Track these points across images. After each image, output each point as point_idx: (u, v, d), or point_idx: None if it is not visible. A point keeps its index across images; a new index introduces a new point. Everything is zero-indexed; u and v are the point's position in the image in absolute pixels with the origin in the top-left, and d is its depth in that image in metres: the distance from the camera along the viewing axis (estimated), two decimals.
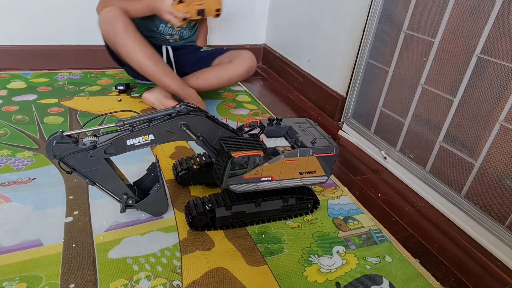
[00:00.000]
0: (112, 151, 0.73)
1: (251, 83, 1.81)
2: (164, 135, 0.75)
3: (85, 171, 0.73)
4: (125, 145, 0.73)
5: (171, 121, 0.74)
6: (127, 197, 0.80)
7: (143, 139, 0.74)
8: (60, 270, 0.70)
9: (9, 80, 1.49)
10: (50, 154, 0.68)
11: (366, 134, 1.31)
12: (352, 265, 0.81)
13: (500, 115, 0.88)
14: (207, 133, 0.78)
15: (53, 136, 0.68)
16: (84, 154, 0.70)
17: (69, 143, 0.69)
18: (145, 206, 0.83)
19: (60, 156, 0.69)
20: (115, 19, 1.20)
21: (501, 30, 0.86)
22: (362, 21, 1.30)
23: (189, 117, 0.75)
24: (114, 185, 0.77)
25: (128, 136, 0.73)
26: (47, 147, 0.68)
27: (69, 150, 0.69)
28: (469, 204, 0.96)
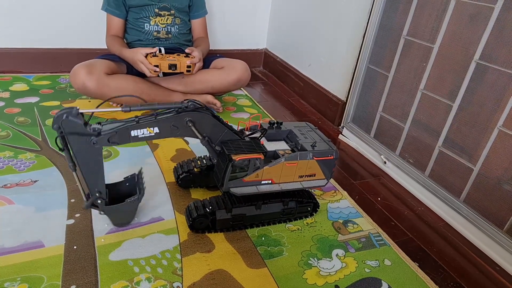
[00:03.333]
0: (115, 140, 0.72)
1: (251, 87, 1.82)
2: (169, 129, 0.75)
3: (78, 155, 0.70)
4: (129, 136, 0.72)
5: (177, 116, 0.74)
6: (99, 196, 0.76)
7: (147, 131, 0.73)
8: (61, 271, 0.71)
9: (12, 83, 1.50)
10: (56, 125, 0.66)
11: (366, 138, 1.31)
12: (352, 268, 0.81)
13: (499, 120, 0.88)
14: (211, 132, 0.78)
15: (67, 111, 0.66)
16: (87, 139, 0.69)
17: (80, 123, 0.67)
18: (113, 212, 0.80)
19: (65, 131, 0.67)
20: (83, 85, 1.27)
21: (500, 36, 0.87)
22: (362, 27, 1.31)
23: (195, 114, 0.75)
24: (95, 179, 0.74)
25: (133, 127, 0.72)
26: (57, 117, 0.65)
27: (76, 129, 0.67)
28: (468, 209, 0.97)
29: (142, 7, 1.42)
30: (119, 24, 1.45)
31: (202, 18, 1.58)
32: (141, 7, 1.42)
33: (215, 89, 1.47)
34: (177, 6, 1.47)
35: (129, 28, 1.47)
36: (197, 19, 1.56)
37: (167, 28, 1.48)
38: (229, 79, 1.46)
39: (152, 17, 1.44)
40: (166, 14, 1.46)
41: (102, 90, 1.28)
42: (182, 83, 1.44)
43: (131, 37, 1.47)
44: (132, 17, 1.44)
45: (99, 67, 1.29)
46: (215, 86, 1.45)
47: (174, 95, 1.44)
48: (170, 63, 1.30)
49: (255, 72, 2.04)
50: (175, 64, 1.31)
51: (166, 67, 1.30)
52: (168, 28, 1.48)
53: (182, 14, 1.50)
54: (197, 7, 1.54)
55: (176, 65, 1.31)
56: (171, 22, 1.48)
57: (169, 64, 1.30)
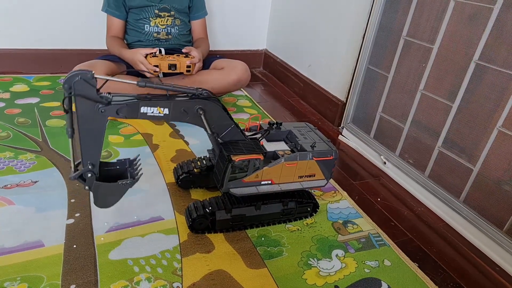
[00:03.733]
0: (124, 113, 0.70)
1: (251, 88, 1.82)
2: (179, 113, 0.74)
3: (82, 120, 0.68)
4: (138, 111, 0.71)
5: (189, 101, 0.73)
6: (91, 168, 0.71)
7: (157, 110, 0.72)
8: (61, 270, 0.71)
9: (12, 83, 1.51)
10: (68, 85, 0.64)
11: (365, 139, 1.31)
12: (351, 269, 0.81)
13: (498, 120, 0.89)
14: (218, 124, 0.78)
15: (82, 72, 0.64)
16: (95, 105, 0.67)
17: (93, 87, 0.66)
18: (101, 189, 0.75)
19: (75, 93, 0.64)
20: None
21: (499, 37, 0.87)
22: (362, 28, 1.31)
23: (207, 103, 0.75)
24: (91, 150, 0.71)
25: (144, 103, 0.71)
26: (70, 77, 0.63)
27: (87, 92, 0.65)
28: (468, 209, 0.97)
29: (142, 8, 1.43)
30: (119, 25, 1.45)
31: (202, 19, 1.58)
32: (141, 8, 1.43)
33: (215, 90, 1.47)
34: (177, 7, 1.47)
35: (129, 29, 1.47)
36: (197, 20, 1.57)
37: (167, 29, 1.48)
38: (229, 80, 1.46)
39: (152, 18, 1.45)
40: (166, 15, 1.46)
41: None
42: (182, 83, 1.45)
43: (131, 38, 1.47)
44: (132, 18, 1.45)
45: (99, 67, 1.29)
46: (215, 87, 1.45)
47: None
48: (170, 63, 1.30)
49: (255, 72, 2.04)
50: (175, 64, 1.31)
51: (166, 67, 1.31)
52: (168, 29, 1.48)
53: (182, 15, 1.51)
54: (197, 8, 1.55)
55: (175, 65, 1.31)
56: (171, 23, 1.48)
57: (168, 64, 1.30)
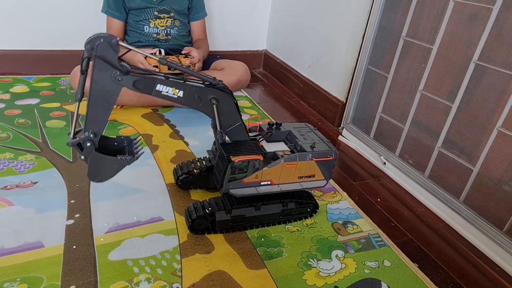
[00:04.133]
0: (140, 86, 0.70)
1: (251, 88, 1.82)
2: (193, 98, 0.74)
3: (95, 85, 0.67)
4: (153, 88, 0.72)
5: (205, 88, 0.74)
6: (92, 137, 0.69)
7: (172, 91, 0.73)
8: (60, 271, 0.71)
9: (12, 84, 1.51)
10: (90, 46, 0.63)
11: (365, 139, 1.31)
12: (351, 269, 0.81)
13: (498, 121, 0.88)
14: (227, 117, 0.79)
15: (107, 36, 0.64)
16: (113, 73, 0.66)
17: (115, 53, 0.65)
18: (97, 162, 0.72)
19: (97, 54, 0.64)
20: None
21: (498, 37, 0.87)
22: (362, 28, 1.31)
23: (222, 94, 0.75)
24: (97, 118, 0.69)
25: (161, 81, 0.71)
26: (94, 38, 0.63)
27: (109, 57, 0.65)
28: (468, 210, 0.97)
29: (142, 9, 1.43)
30: (119, 26, 1.45)
31: (201, 20, 1.58)
32: (140, 9, 1.43)
33: None
34: (176, 9, 1.48)
35: (129, 30, 1.48)
36: (196, 21, 1.57)
37: (167, 30, 1.48)
38: (229, 81, 1.46)
39: (152, 20, 1.45)
40: (165, 17, 1.46)
41: None
42: None
43: (131, 39, 1.48)
44: (132, 20, 1.45)
45: None
46: None
47: None
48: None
49: (255, 73, 2.04)
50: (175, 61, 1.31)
51: (165, 68, 1.31)
52: (168, 30, 1.48)
53: (182, 16, 1.51)
54: (196, 9, 1.55)
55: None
56: (171, 24, 1.48)
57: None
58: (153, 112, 1.41)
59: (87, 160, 0.71)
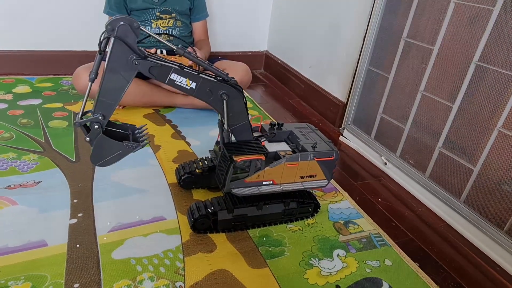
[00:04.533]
0: (154, 73, 0.71)
1: (253, 89, 1.83)
2: (205, 91, 0.76)
3: (111, 66, 0.67)
4: (167, 76, 0.73)
5: (217, 83, 0.75)
6: (101, 120, 0.69)
7: (185, 82, 0.74)
8: (64, 269, 0.71)
9: (15, 85, 1.51)
10: (111, 27, 0.64)
11: (366, 140, 1.32)
12: (352, 268, 0.82)
13: (498, 121, 0.89)
14: (234, 114, 0.80)
15: (129, 19, 0.65)
16: (131, 56, 0.67)
17: (135, 37, 0.66)
18: (102, 146, 0.72)
19: (117, 35, 0.65)
20: (86, 87, 1.27)
21: (499, 38, 0.88)
22: (363, 29, 1.32)
23: (233, 90, 0.77)
24: (108, 101, 0.69)
25: (176, 71, 0.73)
26: (116, 20, 0.64)
27: (129, 39, 0.66)
28: (468, 209, 0.98)
29: (144, 10, 1.44)
30: None
31: (203, 21, 1.59)
32: (142, 10, 1.44)
33: None
34: (178, 9, 1.48)
35: None
36: (198, 22, 1.58)
37: (168, 31, 1.49)
38: None
39: (154, 20, 1.46)
40: (167, 17, 1.47)
41: None
42: None
43: None
44: None
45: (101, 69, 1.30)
46: None
47: (176, 97, 1.44)
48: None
49: (256, 74, 2.05)
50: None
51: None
52: (169, 31, 1.49)
53: (183, 17, 1.52)
54: (198, 10, 1.56)
55: None
56: (172, 25, 1.49)
57: None
58: (155, 113, 1.41)
59: (92, 142, 0.71)
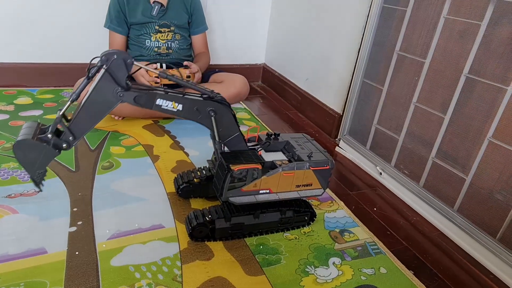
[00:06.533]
0: (140, 101, 0.73)
1: (250, 101, 1.86)
2: (192, 111, 0.77)
3: (95, 94, 0.69)
4: (153, 102, 0.75)
5: (203, 101, 0.77)
6: (71, 140, 0.71)
7: (172, 105, 0.76)
8: (63, 276, 0.72)
9: (16, 96, 1.54)
10: (105, 58, 0.66)
11: (362, 150, 1.34)
12: (348, 276, 0.83)
13: (488, 131, 0.92)
14: (225, 129, 0.82)
15: (124, 54, 0.68)
16: (116, 88, 0.69)
17: (126, 72, 0.69)
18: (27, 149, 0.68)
19: (107, 67, 0.67)
20: None
21: (487, 51, 0.91)
22: (357, 43, 1.36)
23: (219, 106, 0.79)
24: (85, 123, 0.71)
25: (161, 96, 0.74)
26: (111, 53, 0.67)
27: (118, 74, 0.69)
28: (462, 218, 0.99)
29: (143, 24, 1.48)
30: (121, 41, 1.50)
31: (202, 34, 1.63)
32: (142, 24, 1.48)
33: None
34: (176, 23, 1.52)
35: (131, 44, 1.52)
36: (197, 35, 1.61)
37: (168, 44, 1.52)
38: (229, 93, 1.49)
39: (153, 34, 1.49)
40: (166, 31, 1.51)
41: None
42: None
43: (133, 52, 1.52)
44: (134, 34, 1.49)
45: None
46: None
47: None
48: None
49: (254, 86, 2.08)
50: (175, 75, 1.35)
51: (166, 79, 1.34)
52: (169, 44, 1.53)
53: (182, 30, 1.55)
54: (196, 23, 1.60)
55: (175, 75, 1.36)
56: (171, 38, 1.53)
57: None
58: (154, 124, 1.44)
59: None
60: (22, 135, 0.66)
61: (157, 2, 1.46)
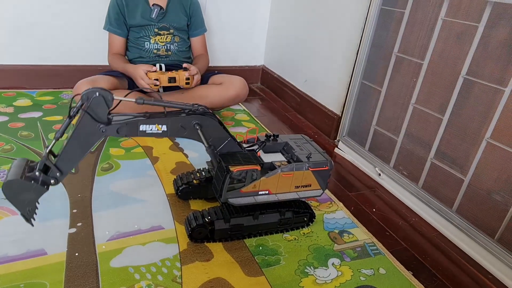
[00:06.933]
0: (124, 132, 0.73)
1: (249, 102, 1.86)
2: (177, 129, 0.77)
3: (78, 132, 0.70)
4: (137, 130, 0.75)
5: (186, 117, 0.77)
6: (58, 176, 0.71)
7: (156, 128, 0.76)
8: (63, 278, 0.72)
9: (16, 98, 1.54)
10: (85, 96, 0.67)
11: (361, 151, 1.35)
12: (347, 277, 0.83)
13: (486, 132, 0.92)
14: (215, 138, 0.82)
15: (103, 91, 0.67)
16: (97, 125, 0.70)
17: (106, 110, 0.69)
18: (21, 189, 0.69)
19: (87, 106, 0.68)
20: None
21: (484, 53, 0.92)
22: (356, 44, 1.36)
23: (203, 118, 0.78)
24: (71, 158, 0.72)
25: (143, 122, 0.74)
26: (91, 91, 0.67)
27: (98, 112, 0.69)
28: (460, 219, 1.00)
29: (142, 26, 1.48)
30: (120, 43, 1.50)
31: (201, 36, 1.63)
32: (141, 26, 1.48)
33: (214, 104, 1.51)
34: (175, 26, 1.53)
35: (130, 46, 1.52)
36: (196, 37, 1.62)
37: (167, 46, 1.53)
38: (228, 95, 1.50)
39: (152, 36, 1.50)
40: (165, 33, 1.51)
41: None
42: (182, 98, 1.49)
43: (132, 54, 1.52)
44: (133, 36, 1.50)
45: (101, 82, 1.33)
46: (214, 101, 1.49)
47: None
48: (170, 76, 1.35)
49: (253, 88, 2.09)
50: (174, 77, 1.36)
51: (165, 81, 1.35)
52: (168, 46, 1.53)
53: (181, 32, 1.56)
54: (195, 26, 1.60)
55: (175, 78, 1.36)
56: (171, 40, 1.53)
57: (168, 78, 1.35)
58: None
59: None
60: (11, 175, 0.67)
61: (156, 5, 1.47)
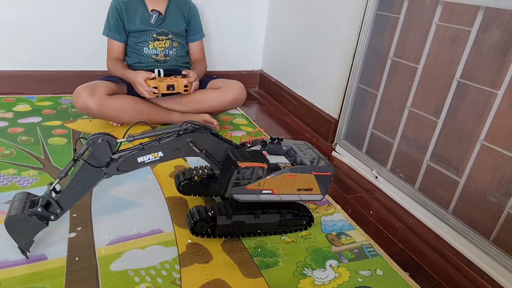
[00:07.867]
0: (124, 168, 0.77)
1: (247, 106, 1.88)
2: (172, 152, 0.80)
3: (80, 173, 0.74)
4: (136, 163, 0.78)
5: (178, 139, 0.79)
6: (59, 213, 0.76)
7: (152, 156, 0.79)
8: (64, 282, 0.73)
9: (15, 103, 1.55)
10: (91, 141, 0.72)
11: (358, 154, 1.36)
12: (345, 278, 0.84)
13: (480, 134, 0.94)
14: (212, 149, 0.84)
15: (109, 138, 0.73)
16: (99, 170, 0.75)
17: (109, 155, 0.74)
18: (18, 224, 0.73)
19: (93, 152, 0.73)
20: (85, 105, 1.31)
21: (478, 56, 0.93)
22: (352, 49, 1.38)
23: (195, 135, 0.81)
24: (70, 197, 0.76)
25: (139, 154, 0.77)
26: (97, 136, 0.72)
27: (101, 157, 0.74)
28: (456, 220, 1.01)
29: (141, 32, 1.49)
30: (119, 48, 1.51)
31: (199, 41, 1.65)
32: (140, 32, 1.49)
33: (212, 109, 1.52)
34: (174, 31, 1.54)
35: (129, 52, 1.54)
36: (194, 42, 1.63)
37: (165, 51, 1.54)
38: (226, 99, 1.51)
39: (151, 41, 1.51)
40: (164, 39, 1.53)
41: (104, 110, 1.33)
42: (181, 103, 1.50)
43: (131, 59, 1.53)
44: (132, 41, 1.51)
45: (100, 88, 1.34)
46: (212, 106, 1.51)
47: (172, 115, 1.49)
48: (168, 84, 1.36)
49: (251, 92, 2.11)
50: (173, 84, 1.37)
51: (164, 88, 1.36)
52: (166, 51, 1.54)
53: (180, 38, 1.57)
54: (193, 31, 1.62)
55: (173, 85, 1.37)
56: (169, 46, 1.54)
57: (167, 85, 1.36)
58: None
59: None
60: (13, 210, 0.71)
61: (155, 11, 1.48)
